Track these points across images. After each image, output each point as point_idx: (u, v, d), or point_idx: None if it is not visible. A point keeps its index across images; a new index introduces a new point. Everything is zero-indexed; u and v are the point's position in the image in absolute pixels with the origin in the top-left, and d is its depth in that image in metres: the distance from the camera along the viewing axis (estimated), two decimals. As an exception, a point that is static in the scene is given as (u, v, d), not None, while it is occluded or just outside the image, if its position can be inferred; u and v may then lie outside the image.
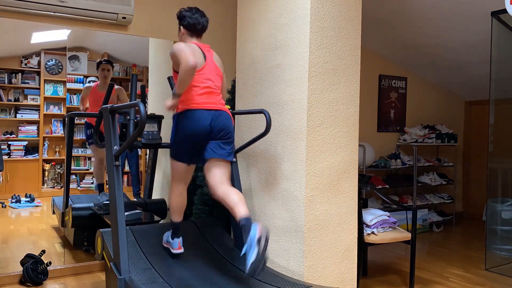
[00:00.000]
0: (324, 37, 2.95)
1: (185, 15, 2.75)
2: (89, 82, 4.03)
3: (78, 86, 4.01)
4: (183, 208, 2.94)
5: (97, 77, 4.05)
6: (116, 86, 4.07)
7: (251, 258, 2.24)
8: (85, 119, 4.06)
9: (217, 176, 2.72)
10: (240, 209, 2.49)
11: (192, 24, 2.74)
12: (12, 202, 3.75)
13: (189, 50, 2.52)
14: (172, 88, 3.02)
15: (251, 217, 2.47)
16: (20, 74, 3.79)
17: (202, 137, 2.69)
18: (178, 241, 2.91)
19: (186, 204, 2.94)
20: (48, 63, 3.88)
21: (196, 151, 2.76)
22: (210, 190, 2.74)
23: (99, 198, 4.01)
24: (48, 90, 3.91)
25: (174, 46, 2.60)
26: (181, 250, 2.90)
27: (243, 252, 2.31)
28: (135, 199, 4.21)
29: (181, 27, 2.80)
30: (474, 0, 4.03)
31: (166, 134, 4.05)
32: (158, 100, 4.24)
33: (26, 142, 3.83)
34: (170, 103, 2.64)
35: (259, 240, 2.25)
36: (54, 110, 3.94)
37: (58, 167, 3.97)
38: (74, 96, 4.00)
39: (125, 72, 4.22)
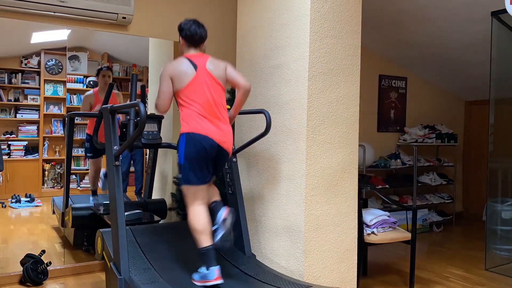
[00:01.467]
0: (324, 37, 2.95)
1: (183, 27, 2.79)
2: (90, 82, 4.03)
3: (78, 86, 4.01)
4: (209, 228, 2.64)
5: (95, 75, 4.05)
6: (114, 91, 4.07)
7: (219, 235, 2.62)
8: (86, 133, 4.06)
9: (211, 191, 2.88)
10: (214, 197, 2.84)
11: (190, 35, 2.76)
12: (12, 202, 3.75)
13: (165, 88, 2.69)
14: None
15: (221, 201, 2.82)
16: (20, 74, 3.79)
17: (213, 153, 2.66)
18: (215, 269, 2.54)
19: (211, 223, 2.68)
20: (48, 63, 3.88)
21: (206, 169, 2.67)
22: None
23: (91, 201, 4.02)
24: (48, 90, 3.91)
25: (162, 70, 2.73)
26: (221, 281, 2.53)
27: (213, 228, 2.67)
28: (137, 197, 4.21)
29: (181, 38, 2.83)
30: (474, 0, 4.03)
31: (166, 134, 4.05)
32: (158, 100, 4.23)
33: (26, 142, 3.83)
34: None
35: (224, 221, 2.65)
36: (54, 110, 3.94)
37: (58, 167, 3.97)
38: (74, 96, 4.00)
39: (125, 72, 4.22)
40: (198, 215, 2.63)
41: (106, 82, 4.02)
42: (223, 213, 2.67)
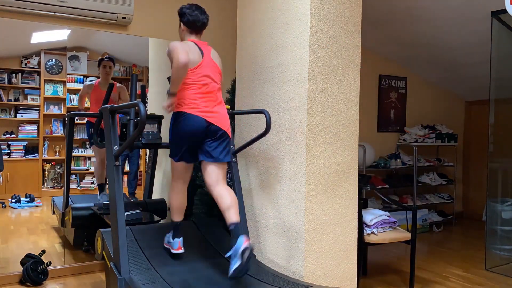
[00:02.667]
0: (324, 37, 2.95)
1: (185, 12, 2.76)
2: (90, 81, 4.03)
3: (78, 86, 4.01)
4: (184, 207, 2.93)
5: (97, 76, 4.05)
6: (117, 84, 4.06)
7: (234, 266, 2.45)
8: (87, 119, 4.06)
9: (213, 175, 2.76)
10: (231, 215, 2.64)
11: (192, 21, 2.75)
12: (12, 202, 3.75)
13: (182, 49, 2.54)
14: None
15: (239, 224, 2.66)
16: (20, 74, 3.79)
17: (198, 137, 2.70)
18: (179, 241, 2.89)
19: (186, 203, 2.94)
20: (48, 63, 3.88)
21: (193, 150, 2.77)
22: (207, 187, 2.81)
23: (99, 199, 4.01)
24: (48, 90, 3.90)
25: (170, 45, 2.62)
26: (181, 250, 2.88)
27: (228, 254, 2.55)
28: (130, 199, 4.20)
29: (181, 23, 2.81)
30: (474, 0, 4.03)
31: (166, 134, 4.05)
32: (158, 100, 4.24)
33: (26, 142, 3.83)
34: (167, 103, 2.69)
35: (243, 252, 2.46)
36: (54, 110, 3.94)
37: (58, 167, 3.97)
38: (74, 96, 4.00)
39: (125, 72, 4.22)
40: (177, 193, 2.87)
41: (107, 73, 4.01)
42: (243, 243, 2.47)
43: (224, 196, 2.69)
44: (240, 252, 2.45)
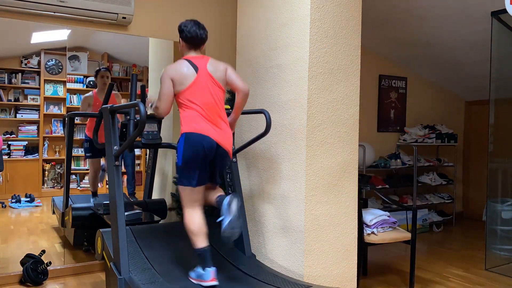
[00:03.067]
0: (324, 37, 2.95)
1: (183, 29, 2.76)
2: (90, 82, 4.03)
3: (78, 86, 4.01)
4: (204, 230, 2.67)
5: (94, 76, 4.05)
6: (114, 92, 4.07)
7: (225, 222, 2.51)
8: (85, 133, 4.06)
9: (215, 194, 2.80)
10: (218, 193, 2.75)
11: (190, 37, 2.74)
12: (12, 202, 3.75)
13: (166, 90, 2.66)
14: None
15: (224, 195, 2.71)
16: (20, 74, 3.79)
17: (212, 154, 2.63)
18: (211, 271, 2.58)
19: (205, 224, 2.69)
20: (48, 63, 3.88)
21: (204, 171, 2.67)
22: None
23: (93, 201, 4.02)
24: (48, 90, 3.90)
25: (162, 72, 2.71)
26: (216, 282, 2.56)
27: (219, 219, 2.56)
28: (130, 199, 4.20)
29: (181, 39, 2.81)
30: (474, 0, 4.03)
31: (166, 134, 4.05)
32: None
33: (26, 142, 3.83)
34: (149, 108, 2.78)
35: (229, 205, 2.53)
36: (54, 110, 3.94)
37: (58, 167, 3.97)
38: (74, 96, 4.00)
39: (125, 72, 4.22)
40: (193, 217, 2.67)
41: (105, 83, 4.02)
42: (227, 198, 2.58)
43: (213, 192, 2.78)
44: (226, 207, 2.53)
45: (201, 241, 2.63)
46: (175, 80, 2.66)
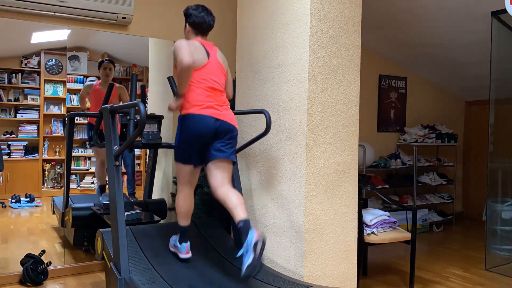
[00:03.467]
0: (324, 37, 2.95)
1: (191, 13, 2.73)
2: (90, 81, 4.03)
3: (78, 86, 4.01)
4: (190, 212, 2.90)
5: (97, 77, 4.05)
6: (117, 85, 4.07)
7: (247, 261, 2.33)
8: (87, 120, 4.05)
9: (218, 177, 2.71)
10: (239, 212, 2.53)
11: (198, 23, 2.72)
12: (12, 202, 3.75)
13: (187, 49, 2.49)
14: (172, 88, 3.02)
15: (249, 220, 2.51)
16: (20, 74, 3.79)
17: (207, 138, 2.66)
18: (186, 245, 2.87)
19: (193, 207, 2.91)
20: (48, 63, 3.88)
21: (201, 152, 2.73)
22: (211, 190, 2.74)
23: (101, 200, 4.01)
24: (48, 90, 3.91)
25: (176, 43, 2.57)
26: (189, 255, 2.86)
27: (239, 254, 2.39)
28: (130, 199, 4.21)
29: (187, 24, 2.78)
30: (474, 0, 4.03)
31: (166, 134, 4.05)
32: (158, 100, 4.24)
33: (26, 142, 3.83)
34: (174, 105, 2.66)
35: (255, 245, 2.34)
36: (54, 110, 3.94)
37: (58, 167, 3.97)
38: (74, 96, 4.00)
39: (125, 72, 4.22)
40: (184, 198, 2.84)
41: (107, 75, 4.02)
42: (254, 235, 2.36)
43: (231, 196, 2.62)
44: (252, 246, 2.33)
45: (184, 220, 2.88)
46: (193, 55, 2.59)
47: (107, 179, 4.06)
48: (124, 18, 3.67)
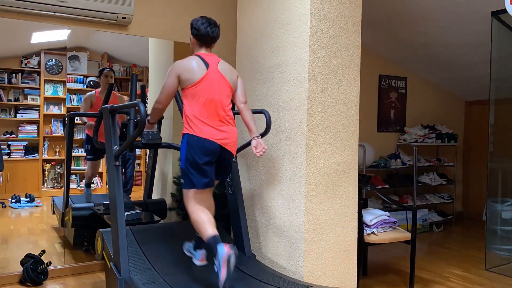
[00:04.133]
0: (324, 37, 2.95)
1: (195, 26, 2.72)
2: (90, 82, 4.03)
3: (78, 86, 4.01)
4: (212, 219, 2.68)
5: (97, 76, 4.05)
6: (117, 94, 4.08)
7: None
8: (85, 132, 4.06)
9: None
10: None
11: (202, 35, 2.71)
12: (12, 202, 3.75)
13: (170, 85, 2.65)
14: (178, 103, 3.02)
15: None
16: (20, 74, 3.79)
17: (216, 155, 2.64)
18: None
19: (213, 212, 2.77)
20: (48, 63, 3.88)
21: (209, 173, 2.66)
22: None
23: (86, 191, 4.02)
24: (48, 90, 3.90)
25: (171, 66, 2.68)
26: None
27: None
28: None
29: (192, 36, 2.78)
30: (474, 0, 4.03)
31: (166, 134, 4.05)
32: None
33: (26, 142, 3.83)
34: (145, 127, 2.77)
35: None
36: (54, 110, 3.94)
37: (58, 167, 3.97)
38: (74, 96, 4.00)
39: (125, 72, 4.22)
40: (200, 213, 2.64)
41: (109, 82, 4.03)
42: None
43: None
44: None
45: (210, 228, 2.57)
46: (182, 76, 2.64)
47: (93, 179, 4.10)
48: (124, 18, 3.67)
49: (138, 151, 4.34)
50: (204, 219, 2.61)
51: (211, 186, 2.70)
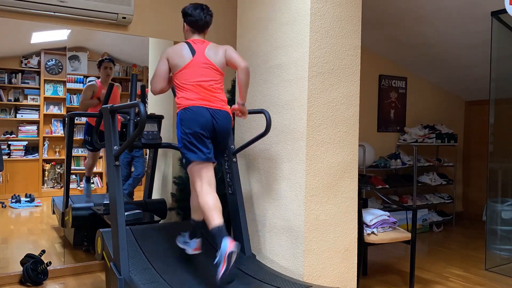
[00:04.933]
0: (324, 37, 2.95)
1: (188, 12, 2.77)
2: (89, 82, 4.03)
3: (78, 86, 4.01)
4: (220, 207, 2.61)
5: (97, 76, 4.05)
6: (117, 84, 4.07)
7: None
8: (86, 120, 4.05)
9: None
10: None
11: (194, 21, 2.76)
12: (12, 202, 3.75)
13: (161, 68, 2.72)
14: (172, 89, 3.01)
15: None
16: (20, 74, 3.79)
17: (209, 128, 2.64)
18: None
19: (215, 203, 2.61)
20: (48, 63, 3.88)
21: (207, 143, 2.65)
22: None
23: (85, 187, 4.02)
24: (48, 90, 3.91)
25: (162, 53, 2.73)
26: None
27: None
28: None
29: (185, 23, 2.82)
30: (474, 0, 4.03)
31: (166, 134, 4.05)
32: (158, 100, 4.24)
33: (26, 142, 3.83)
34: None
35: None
36: (54, 110, 3.95)
37: (58, 167, 3.98)
38: (74, 96, 4.00)
39: (125, 72, 4.22)
40: (208, 199, 2.57)
41: (108, 74, 4.03)
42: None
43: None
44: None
45: (216, 218, 2.51)
46: (171, 61, 2.71)
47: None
48: (124, 18, 3.67)
49: (143, 155, 4.33)
50: (211, 206, 2.54)
51: (211, 159, 2.66)
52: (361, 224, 3.44)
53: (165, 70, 2.73)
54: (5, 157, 3.69)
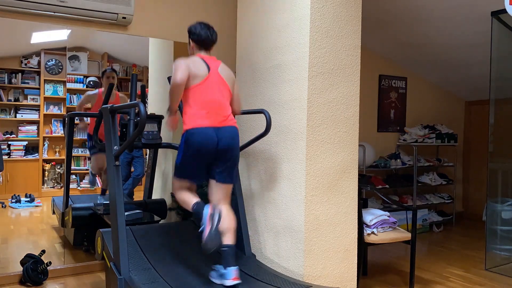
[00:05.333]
0: (324, 37, 2.95)
1: (194, 31, 2.78)
2: (90, 82, 4.03)
3: (78, 86, 4.01)
4: (196, 195, 2.77)
5: (97, 77, 4.05)
6: (120, 94, 4.08)
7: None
8: (87, 133, 4.06)
9: (217, 196, 2.77)
10: (226, 238, 2.63)
11: (203, 40, 2.77)
12: (12, 202, 3.75)
13: (184, 66, 2.61)
14: (180, 110, 3.03)
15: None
16: (20, 74, 3.79)
17: (211, 152, 2.64)
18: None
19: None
20: (48, 63, 3.88)
21: (203, 170, 2.72)
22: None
23: (100, 199, 4.02)
24: (48, 90, 3.90)
25: (175, 61, 2.66)
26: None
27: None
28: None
29: (190, 40, 2.83)
30: (474, 0, 4.03)
31: (166, 134, 4.05)
32: (158, 100, 4.24)
33: (26, 142, 3.83)
34: (169, 121, 2.74)
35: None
36: (54, 110, 3.94)
37: (58, 167, 3.97)
38: (74, 96, 4.00)
39: (125, 72, 4.22)
40: (183, 192, 2.74)
41: (111, 83, 4.03)
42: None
43: (225, 218, 2.69)
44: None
45: (193, 199, 2.68)
46: (191, 73, 2.65)
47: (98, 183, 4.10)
48: (124, 18, 3.67)
49: (143, 155, 4.33)
50: (188, 194, 2.72)
51: (200, 182, 2.81)
52: (361, 224, 3.44)
53: (184, 79, 2.60)
54: (5, 157, 3.69)
